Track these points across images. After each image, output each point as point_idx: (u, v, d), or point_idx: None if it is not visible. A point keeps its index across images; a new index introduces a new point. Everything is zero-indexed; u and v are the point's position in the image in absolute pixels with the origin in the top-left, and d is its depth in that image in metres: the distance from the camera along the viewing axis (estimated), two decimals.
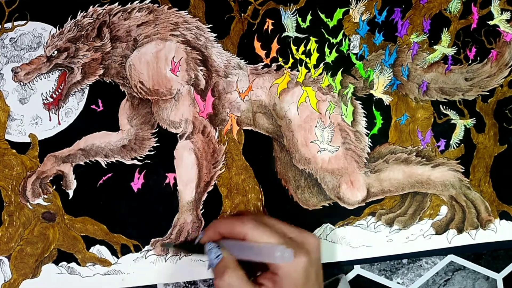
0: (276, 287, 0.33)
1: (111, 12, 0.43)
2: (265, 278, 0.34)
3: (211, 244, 0.35)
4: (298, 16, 0.44)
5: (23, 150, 0.43)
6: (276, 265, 0.33)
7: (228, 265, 0.33)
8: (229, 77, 0.44)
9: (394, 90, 0.45)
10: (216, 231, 0.36)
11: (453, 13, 0.45)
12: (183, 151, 0.44)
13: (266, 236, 0.34)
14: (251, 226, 0.34)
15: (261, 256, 0.33)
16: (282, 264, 0.33)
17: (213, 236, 0.36)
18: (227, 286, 0.33)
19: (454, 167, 0.45)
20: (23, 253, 0.43)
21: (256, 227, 0.34)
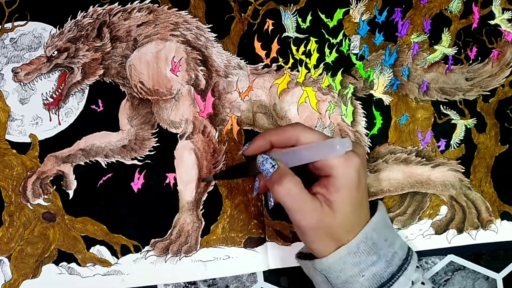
0: (332, 191, 0.33)
1: (111, 12, 0.43)
2: (318, 186, 0.34)
3: (264, 156, 0.34)
4: (298, 17, 0.44)
5: (23, 150, 0.43)
6: (330, 167, 0.33)
7: (285, 172, 0.33)
8: (229, 77, 0.44)
9: (394, 90, 0.45)
10: (266, 140, 0.35)
11: (454, 13, 0.45)
12: (183, 151, 0.44)
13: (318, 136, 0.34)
14: (303, 129, 0.34)
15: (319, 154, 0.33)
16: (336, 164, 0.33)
17: (262, 145, 0.35)
18: (287, 192, 0.33)
19: (454, 167, 0.45)
20: (23, 253, 0.43)
21: (308, 129, 0.34)
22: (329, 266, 0.35)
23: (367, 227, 0.35)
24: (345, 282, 0.35)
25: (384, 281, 0.34)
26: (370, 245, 0.35)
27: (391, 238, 0.36)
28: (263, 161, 0.34)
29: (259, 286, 0.44)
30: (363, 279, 0.34)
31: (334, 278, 0.35)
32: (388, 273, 0.35)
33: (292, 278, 0.44)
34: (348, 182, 0.33)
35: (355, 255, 0.34)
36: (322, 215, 0.33)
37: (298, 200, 0.33)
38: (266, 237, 0.43)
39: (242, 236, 0.43)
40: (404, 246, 0.37)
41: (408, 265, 0.35)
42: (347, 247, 0.34)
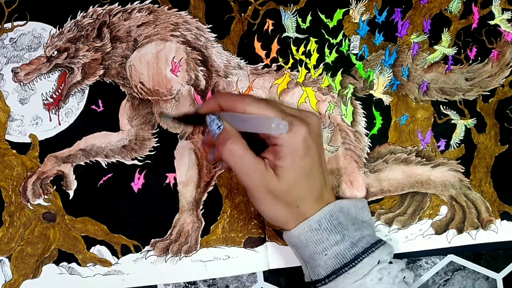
0: (277, 158, 0.34)
1: (111, 12, 0.43)
2: (266, 152, 0.35)
3: (212, 116, 0.35)
4: (298, 17, 0.44)
5: (23, 150, 0.43)
6: (275, 137, 0.34)
7: (230, 134, 0.34)
8: (229, 77, 0.44)
9: (394, 90, 0.45)
10: (216, 103, 0.36)
11: (454, 13, 0.45)
12: (183, 151, 0.44)
13: (265, 110, 0.34)
14: (250, 101, 0.34)
15: (258, 127, 0.34)
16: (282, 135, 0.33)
17: (212, 107, 0.36)
18: (230, 152, 0.34)
19: (454, 167, 0.45)
20: (23, 254, 0.43)
21: (256, 102, 0.34)
22: (293, 240, 0.36)
23: (332, 205, 0.36)
24: (310, 257, 0.36)
25: (347, 261, 0.35)
26: (335, 224, 0.35)
27: (360, 225, 0.37)
28: (210, 122, 0.35)
29: (259, 286, 0.44)
30: (326, 257, 0.35)
31: (301, 252, 0.37)
32: (352, 253, 0.35)
33: (292, 278, 0.44)
34: (292, 151, 0.34)
35: (317, 232, 0.35)
36: (266, 177, 0.34)
37: (241, 160, 0.34)
38: (266, 237, 0.43)
39: (242, 236, 0.43)
40: (375, 236, 0.37)
41: (376, 249, 0.35)
42: (308, 222, 0.35)
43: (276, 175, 0.34)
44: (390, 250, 0.37)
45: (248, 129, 0.34)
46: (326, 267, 0.35)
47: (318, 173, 0.36)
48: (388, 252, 0.36)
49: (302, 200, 0.35)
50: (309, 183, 0.35)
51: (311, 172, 0.35)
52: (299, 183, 0.35)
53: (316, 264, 0.36)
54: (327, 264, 0.35)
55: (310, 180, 0.35)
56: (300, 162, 0.34)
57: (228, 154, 0.34)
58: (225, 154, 0.34)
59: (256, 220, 0.44)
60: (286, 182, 0.34)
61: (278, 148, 0.34)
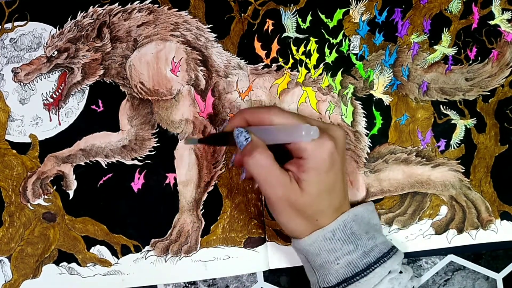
0: (301, 171, 0.34)
1: (111, 12, 0.43)
2: (290, 164, 0.35)
3: (240, 129, 0.35)
4: (298, 17, 0.44)
5: (23, 150, 0.43)
6: (302, 149, 0.33)
7: (257, 145, 0.34)
8: (229, 77, 0.44)
9: (394, 90, 0.45)
10: (242, 118, 0.36)
11: (454, 13, 0.45)
12: (183, 151, 0.44)
13: (292, 119, 0.34)
14: (276, 112, 0.34)
15: (287, 136, 0.34)
16: (308, 147, 0.33)
17: (239, 123, 0.36)
18: (256, 163, 0.33)
19: (454, 167, 0.45)
20: (23, 254, 0.43)
21: (282, 113, 0.34)
22: (305, 248, 0.36)
23: (346, 215, 0.36)
24: (321, 266, 0.36)
25: (358, 270, 0.35)
26: (348, 234, 0.35)
27: (373, 233, 0.37)
28: (238, 134, 0.35)
29: (259, 286, 0.44)
30: (338, 266, 0.35)
31: (311, 260, 0.36)
32: (364, 263, 0.35)
33: (292, 278, 0.44)
34: (317, 164, 0.34)
35: (330, 241, 0.35)
36: (289, 190, 0.34)
37: (267, 171, 0.33)
38: (266, 237, 0.43)
39: (242, 236, 0.43)
40: (387, 243, 0.37)
41: (388, 259, 0.35)
42: (322, 232, 0.35)
43: (300, 188, 0.34)
44: (400, 258, 0.37)
45: (277, 140, 0.34)
46: (337, 275, 0.35)
47: (340, 187, 0.36)
48: (399, 261, 0.36)
49: (321, 213, 0.35)
50: (330, 197, 0.35)
51: (334, 187, 0.35)
52: (321, 197, 0.35)
53: (326, 272, 0.36)
54: (338, 272, 0.35)
55: (331, 194, 0.35)
56: (324, 177, 0.34)
57: (254, 164, 0.33)
58: (251, 165, 0.33)
59: (256, 220, 0.44)
60: (309, 196, 0.34)
61: (304, 161, 0.34)
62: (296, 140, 0.33)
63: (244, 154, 0.34)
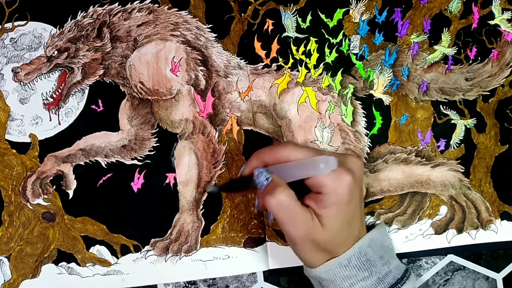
0: (321, 207, 0.33)
1: (111, 12, 0.43)
2: (310, 199, 0.34)
3: (260, 169, 0.35)
4: (298, 17, 0.44)
5: (23, 150, 0.43)
6: (320, 185, 0.33)
7: (278, 184, 0.34)
8: (229, 77, 0.44)
9: (394, 90, 0.45)
10: (259, 159, 0.36)
11: (454, 13, 0.45)
12: (183, 151, 0.44)
13: (309, 153, 0.34)
14: (292, 148, 0.35)
15: (306, 171, 0.33)
16: (327, 182, 0.33)
17: (257, 164, 0.36)
18: (278, 203, 0.33)
19: (454, 167, 0.45)
20: (23, 253, 0.43)
21: (298, 148, 0.35)
22: (319, 275, 0.36)
23: (361, 242, 0.36)
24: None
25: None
26: (363, 261, 0.35)
27: (387, 257, 0.37)
28: (258, 175, 0.35)
29: (259, 286, 0.44)
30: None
31: (326, 286, 0.36)
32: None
33: (292, 278, 0.44)
34: (337, 199, 0.33)
35: (346, 268, 0.35)
36: (312, 228, 0.34)
37: (289, 211, 0.33)
38: (266, 237, 0.43)
39: (242, 236, 0.43)
40: (401, 267, 0.37)
41: (401, 285, 0.35)
42: (338, 260, 0.35)
43: (321, 224, 0.34)
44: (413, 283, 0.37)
45: (297, 176, 0.34)
46: None
47: (359, 217, 0.36)
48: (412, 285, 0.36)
49: (341, 245, 0.35)
50: (350, 228, 0.35)
51: (353, 218, 0.35)
52: (342, 231, 0.35)
53: None
54: None
55: (351, 226, 0.35)
56: (344, 211, 0.34)
57: (276, 204, 0.33)
58: (273, 204, 0.33)
59: (256, 220, 0.44)
60: (330, 231, 0.34)
61: (323, 196, 0.33)
62: (315, 173, 0.33)
63: (266, 194, 0.34)
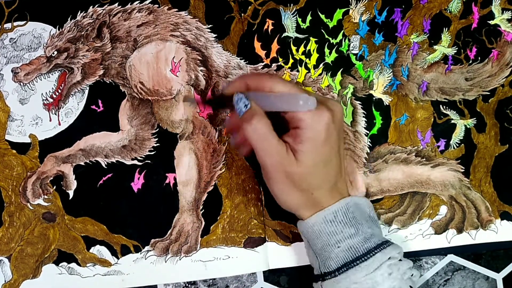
0: (297, 142, 0.34)
1: (111, 12, 0.43)
2: (287, 135, 0.35)
3: (240, 94, 0.35)
4: (298, 17, 0.44)
5: (23, 150, 0.43)
6: (299, 119, 0.33)
7: (256, 112, 0.34)
8: (229, 77, 0.44)
9: (394, 90, 0.45)
10: (243, 82, 0.35)
11: (454, 13, 0.45)
12: (183, 151, 0.44)
13: (292, 88, 0.34)
14: (278, 80, 0.35)
15: (285, 105, 0.34)
16: (305, 117, 0.33)
17: (239, 87, 0.36)
18: (254, 130, 0.33)
19: (454, 167, 0.45)
20: (23, 254, 0.43)
21: (284, 81, 0.35)
22: (307, 229, 0.36)
23: (349, 199, 0.36)
24: (322, 249, 0.36)
25: (359, 254, 0.35)
26: (350, 218, 0.35)
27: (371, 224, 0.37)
28: (238, 100, 0.35)
29: (259, 286, 0.44)
30: (339, 250, 0.35)
31: (313, 244, 0.37)
32: (365, 248, 0.35)
33: (292, 278, 0.44)
34: (313, 135, 0.34)
35: (331, 224, 0.35)
36: (286, 160, 0.34)
37: (265, 139, 0.34)
38: (266, 237, 0.43)
39: (242, 236, 0.43)
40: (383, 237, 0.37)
41: (388, 246, 0.36)
42: (323, 213, 0.35)
43: (296, 159, 0.34)
44: (400, 249, 0.37)
45: (275, 108, 0.34)
46: (337, 259, 0.35)
47: (336, 162, 0.36)
48: (398, 251, 0.36)
49: (317, 187, 0.35)
50: (326, 170, 0.35)
51: (329, 161, 0.35)
52: (317, 170, 0.35)
53: (327, 256, 0.36)
54: (338, 256, 0.35)
55: (327, 168, 0.35)
56: (320, 149, 0.34)
57: (252, 131, 0.34)
58: (249, 131, 0.34)
59: (256, 220, 0.44)
60: (304, 167, 0.34)
61: (300, 131, 0.34)
62: (293, 109, 0.33)
63: (243, 120, 0.34)
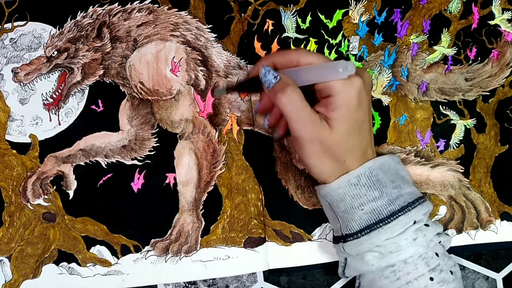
0: (330, 109, 0.33)
1: (111, 12, 0.43)
2: (318, 106, 0.34)
3: (267, 67, 0.34)
4: (298, 17, 0.44)
5: (23, 150, 0.43)
6: (330, 87, 0.33)
7: (288, 83, 0.33)
8: (229, 77, 0.44)
9: (393, 90, 0.45)
10: (268, 61, 0.35)
11: (453, 13, 0.45)
12: (183, 151, 0.44)
13: (320, 59, 0.34)
14: (304, 52, 0.34)
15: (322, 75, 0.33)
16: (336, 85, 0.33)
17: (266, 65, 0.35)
18: (289, 99, 0.33)
19: (453, 167, 0.45)
20: (23, 254, 0.43)
21: (310, 52, 0.34)
22: (330, 193, 0.36)
23: (372, 162, 0.36)
24: (345, 212, 0.36)
25: (382, 217, 0.35)
26: (373, 181, 0.35)
27: (399, 183, 0.36)
28: (266, 73, 0.34)
29: (259, 286, 0.44)
30: (362, 212, 0.35)
31: (335, 206, 0.36)
32: (389, 210, 0.35)
33: (292, 278, 0.44)
34: (346, 101, 0.33)
35: (355, 187, 0.35)
36: (320, 129, 0.34)
37: (298, 109, 0.33)
38: (266, 237, 0.43)
39: (242, 236, 0.43)
40: (414, 194, 0.37)
41: (413, 208, 0.35)
42: (347, 177, 0.35)
43: (329, 126, 0.34)
44: (427, 209, 0.36)
45: (310, 81, 0.34)
46: (360, 221, 0.35)
47: (367, 128, 0.36)
48: (424, 211, 0.36)
49: (350, 153, 0.35)
50: (359, 136, 0.35)
51: (362, 126, 0.35)
52: (350, 136, 0.34)
53: (350, 218, 0.36)
54: (362, 219, 0.35)
55: (360, 134, 0.35)
56: (354, 114, 0.34)
57: (286, 101, 0.33)
58: (284, 101, 0.33)
59: (256, 220, 0.44)
60: (338, 133, 0.34)
61: (332, 99, 0.33)
62: (331, 77, 0.33)
63: (276, 91, 0.33)
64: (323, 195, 0.37)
